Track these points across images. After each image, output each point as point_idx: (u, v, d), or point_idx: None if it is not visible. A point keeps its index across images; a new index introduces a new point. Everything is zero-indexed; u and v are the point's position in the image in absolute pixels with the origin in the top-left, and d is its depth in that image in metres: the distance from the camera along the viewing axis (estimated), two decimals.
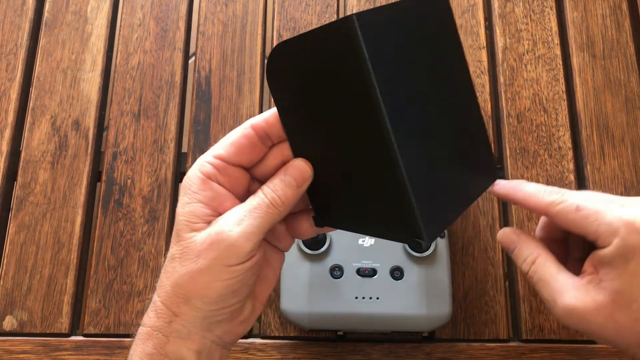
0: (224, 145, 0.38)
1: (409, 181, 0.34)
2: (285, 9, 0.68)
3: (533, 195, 0.41)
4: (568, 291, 0.38)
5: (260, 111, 0.65)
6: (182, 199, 0.38)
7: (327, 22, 0.67)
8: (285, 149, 0.39)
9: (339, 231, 0.50)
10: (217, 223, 0.37)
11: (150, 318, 0.38)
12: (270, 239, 0.41)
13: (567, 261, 0.44)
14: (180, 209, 0.38)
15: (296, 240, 0.51)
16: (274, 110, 0.39)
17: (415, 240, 0.35)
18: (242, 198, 0.39)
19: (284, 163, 0.39)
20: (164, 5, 0.68)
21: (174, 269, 0.37)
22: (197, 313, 0.36)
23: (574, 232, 0.39)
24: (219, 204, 0.38)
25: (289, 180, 0.38)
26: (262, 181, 0.40)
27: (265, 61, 0.67)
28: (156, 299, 0.38)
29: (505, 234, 0.44)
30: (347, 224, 0.39)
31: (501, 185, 0.43)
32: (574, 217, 0.38)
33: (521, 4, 0.68)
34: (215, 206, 0.38)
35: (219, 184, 0.38)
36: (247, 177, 0.40)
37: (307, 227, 0.41)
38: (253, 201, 0.37)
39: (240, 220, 0.36)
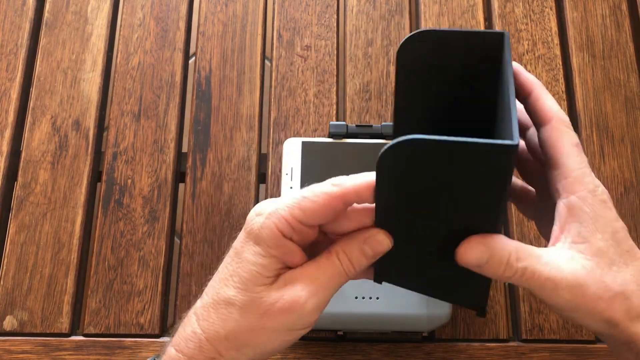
0: (303, 206, 0.36)
1: None
2: (285, 9, 0.68)
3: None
4: (563, 269, 0.35)
5: (260, 111, 0.65)
6: (256, 248, 0.37)
7: (326, 22, 0.68)
8: (364, 216, 0.38)
9: None
10: (291, 288, 0.36)
11: (189, 348, 0.37)
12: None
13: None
14: (252, 257, 0.37)
15: None
16: (366, 180, 0.36)
17: (479, 310, 0.38)
18: (308, 250, 0.38)
19: (359, 227, 0.38)
20: (164, 5, 0.68)
21: (230, 315, 0.36)
22: (243, 357, 0.37)
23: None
24: (290, 258, 0.37)
25: (367, 252, 0.37)
26: (328, 233, 0.39)
27: (266, 61, 0.67)
28: (201, 334, 0.37)
29: (468, 250, 0.36)
30: (407, 284, 0.41)
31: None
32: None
33: (521, 4, 0.68)
34: (286, 260, 0.37)
35: (292, 241, 0.37)
36: (317, 230, 0.39)
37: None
38: (327, 269, 0.37)
39: (315, 292, 0.36)
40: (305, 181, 0.57)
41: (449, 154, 0.32)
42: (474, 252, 0.35)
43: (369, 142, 0.58)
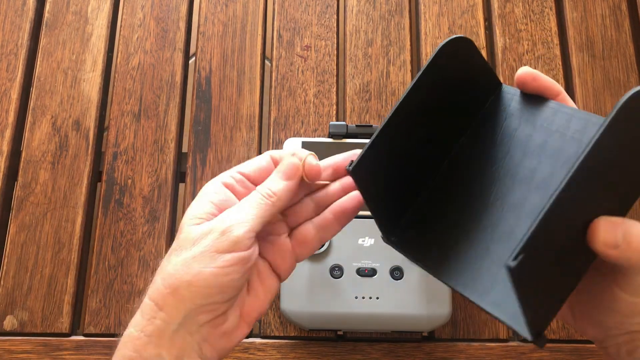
0: (247, 164, 0.41)
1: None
2: (285, 9, 0.68)
3: None
4: None
5: (260, 111, 0.65)
6: (194, 201, 0.39)
7: (326, 22, 0.68)
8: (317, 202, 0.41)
9: None
10: (215, 217, 0.38)
11: (134, 318, 0.38)
12: (271, 256, 0.41)
13: None
14: (189, 209, 0.39)
15: None
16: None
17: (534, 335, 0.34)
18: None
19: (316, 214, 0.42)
20: (164, 5, 0.68)
21: (168, 262, 0.37)
22: (181, 305, 0.36)
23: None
24: (227, 207, 0.38)
25: (279, 174, 0.39)
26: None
27: (266, 61, 0.67)
28: (144, 297, 0.38)
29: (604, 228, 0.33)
30: (426, 258, 0.40)
31: None
32: None
33: (521, 4, 0.68)
34: (223, 209, 0.38)
35: (234, 193, 0.40)
36: None
37: (312, 235, 0.41)
38: (248, 197, 0.39)
39: (236, 211, 0.38)
40: None
41: None
42: (609, 230, 0.33)
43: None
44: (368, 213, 0.39)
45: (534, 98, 0.39)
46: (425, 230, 0.40)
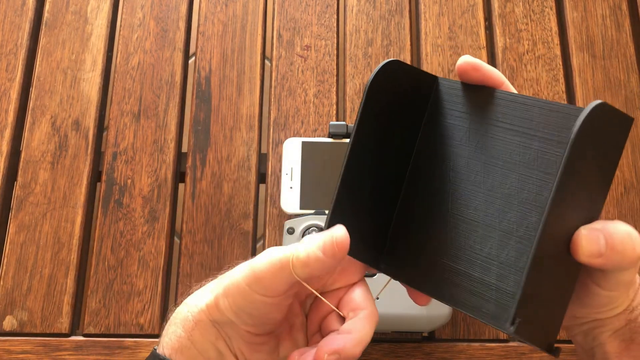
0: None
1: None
2: (285, 9, 0.68)
3: None
4: None
5: (260, 111, 0.65)
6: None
7: (326, 22, 0.67)
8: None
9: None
10: (265, 253, 0.37)
11: (192, 297, 0.38)
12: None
13: None
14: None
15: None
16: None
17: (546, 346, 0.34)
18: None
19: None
20: (164, 5, 0.68)
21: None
22: (219, 312, 0.36)
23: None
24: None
25: (320, 245, 0.35)
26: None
27: (266, 61, 0.67)
28: (210, 280, 0.38)
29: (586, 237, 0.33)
30: (413, 278, 0.39)
31: None
32: None
33: (521, 4, 0.68)
34: None
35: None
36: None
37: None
38: (284, 250, 0.37)
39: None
40: (305, 181, 0.57)
41: None
42: (592, 241, 0.32)
43: None
44: None
45: (477, 89, 0.38)
46: (409, 248, 0.40)
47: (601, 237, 0.32)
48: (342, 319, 0.38)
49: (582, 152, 0.31)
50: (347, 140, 0.58)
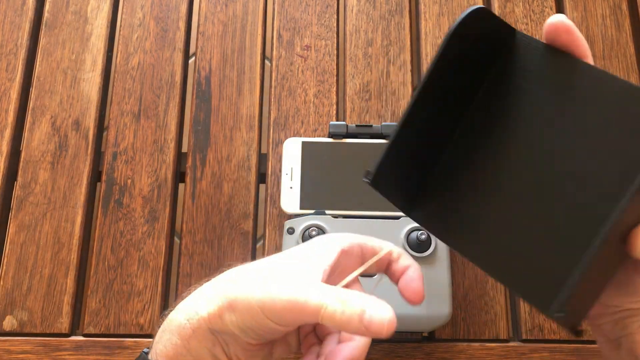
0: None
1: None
2: (285, 9, 0.68)
3: None
4: None
5: (260, 111, 0.65)
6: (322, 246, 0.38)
7: (326, 22, 0.67)
8: None
9: (336, 225, 0.49)
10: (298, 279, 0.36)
11: (185, 302, 0.37)
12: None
13: None
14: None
15: None
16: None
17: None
18: None
19: None
20: (164, 5, 0.68)
21: (246, 270, 0.37)
22: (222, 323, 0.36)
23: None
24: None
25: (363, 319, 0.33)
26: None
27: (266, 61, 0.67)
28: (203, 284, 0.38)
29: None
30: (446, 230, 0.37)
31: None
32: None
33: (521, 4, 0.68)
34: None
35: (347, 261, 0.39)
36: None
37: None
38: (320, 292, 0.35)
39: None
40: (305, 181, 0.57)
41: None
42: None
43: (369, 142, 0.58)
44: (369, 213, 0.39)
45: (561, 55, 0.34)
46: (446, 202, 0.38)
47: None
48: None
49: None
50: (347, 140, 0.58)
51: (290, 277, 0.35)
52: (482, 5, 0.35)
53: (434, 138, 0.38)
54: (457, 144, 0.38)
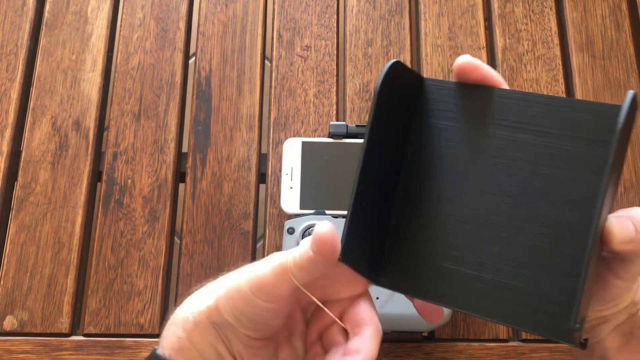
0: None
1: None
2: (285, 9, 0.68)
3: None
4: None
5: (260, 111, 0.65)
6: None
7: (326, 22, 0.67)
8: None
9: (336, 225, 0.49)
10: (265, 259, 0.37)
11: (191, 298, 0.38)
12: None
13: None
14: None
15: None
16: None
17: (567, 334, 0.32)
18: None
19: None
20: (164, 5, 0.68)
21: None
22: (220, 315, 0.36)
23: None
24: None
25: (311, 245, 0.35)
26: None
27: (266, 61, 0.67)
28: (209, 282, 0.38)
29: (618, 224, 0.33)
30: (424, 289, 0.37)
31: None
32: None
33: (521, 4, 0.68)
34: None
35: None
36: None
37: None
38: (281, 255, 0.36)
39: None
40: (305, 181, 0.57)
41: None
42: (623, 229, 0.32)
43: None
44: None
45: (472, 88, 0.36)
46: (408, 257, 0.38)
47: (629, 223, 0.32)
48: (345, 331, 0.38)
49: (623, 146, 0.31)
50: (347, 140, 0.58)
51: (269, 258, 0.36)
52: (396, 60, 0.36)
53: (387, 191, 0.39)
54: (405, 193, 0.39)
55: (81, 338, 0.56)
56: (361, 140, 0.58)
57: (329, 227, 0.34)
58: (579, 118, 0.33)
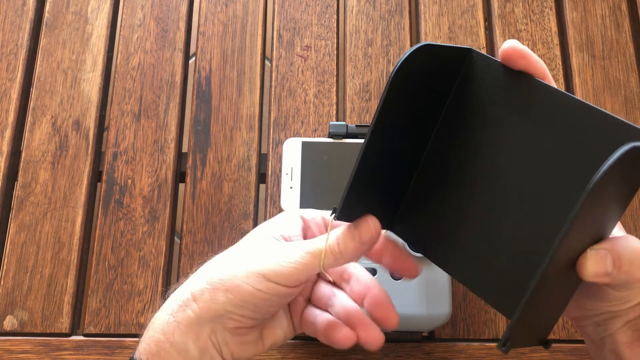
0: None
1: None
2: (285, 9, 0.68)
3: None
4: None
5: (260, 111, 0.65)
6: (282, 218, 0.42)
7: (326, 22, 0.68)
8: None
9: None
10: (291, 245, 0.39)
11: (167, 303, 0.39)
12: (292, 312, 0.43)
13: None
14: (273, 223, 0.42)
15: None
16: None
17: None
18: None
19: None
20: (164, 5, 0.68)
21: (222, 259, 0.39)
22: (214, 306, 0.37)
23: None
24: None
25: (355, 234, 0.37)
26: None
27: (266, 61, 0.67)
28: (182, 285, 0.39)
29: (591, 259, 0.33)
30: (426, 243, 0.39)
31: None
32: None
33: (521, 4, 0.68)
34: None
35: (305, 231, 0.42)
36: None
37: (312, 322, 0.42)
38: (314, 243, 0.38)
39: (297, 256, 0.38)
40: (305, 181, 0.57)
41: None
42: (599, 263, 0.32)
43: None
44: None
45: (517, 74, 0.35)
46: (421, 221, 0.40)
47: (608, 257, 0.32)
48: (333, 284, 0.42)
49: (606, 184, 0.29)
50: (347, 140, 0.58)
51: (288, 248, 0.38)
52: (427, 42, 0.35)
53: (404, 161, 0.39)
54: (429, 162, 0.39)
55: (81, 338, 0.56)
56: (361, 141, 0.58)
57: (376, 224, 0.37)
58: (609, 137, 0.32)
